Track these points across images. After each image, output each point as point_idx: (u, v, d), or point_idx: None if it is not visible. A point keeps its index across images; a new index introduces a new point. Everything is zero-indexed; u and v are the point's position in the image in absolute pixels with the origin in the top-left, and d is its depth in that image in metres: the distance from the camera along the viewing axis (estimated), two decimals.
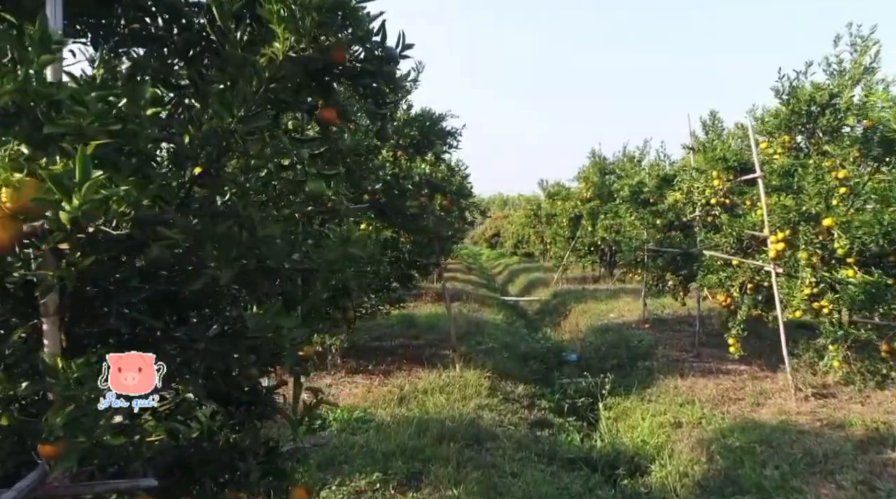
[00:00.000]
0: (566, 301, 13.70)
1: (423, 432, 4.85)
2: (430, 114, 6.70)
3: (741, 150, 6.54)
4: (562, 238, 17.84)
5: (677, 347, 8.22)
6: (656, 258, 9.25)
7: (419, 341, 8.61)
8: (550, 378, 7.48)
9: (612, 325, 10.06)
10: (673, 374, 7.06)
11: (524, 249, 28.53)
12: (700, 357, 7.75)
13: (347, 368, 6.93)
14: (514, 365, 7.50)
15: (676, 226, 8.53)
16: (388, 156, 6.00)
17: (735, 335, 6.49)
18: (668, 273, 9.03)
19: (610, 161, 17.05)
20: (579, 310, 12.26)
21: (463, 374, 6.66)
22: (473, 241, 46.90)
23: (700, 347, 8.13)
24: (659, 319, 9.85)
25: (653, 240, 9.10)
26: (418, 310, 11.31)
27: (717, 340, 8.44)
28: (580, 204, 17.20)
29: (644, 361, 7.73)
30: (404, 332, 9.11)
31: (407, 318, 9.88)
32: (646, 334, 8.87)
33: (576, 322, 11.58)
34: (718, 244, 6.86)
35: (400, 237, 6.46)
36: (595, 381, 7.03)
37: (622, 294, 13.21)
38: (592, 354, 8.47)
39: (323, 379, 6.54)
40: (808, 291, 5.62)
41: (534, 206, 25.20)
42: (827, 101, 5.57)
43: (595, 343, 8.90)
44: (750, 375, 6.84)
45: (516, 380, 6.97)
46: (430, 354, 7.81)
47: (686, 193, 7.27)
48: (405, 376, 6.78)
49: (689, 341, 8.39)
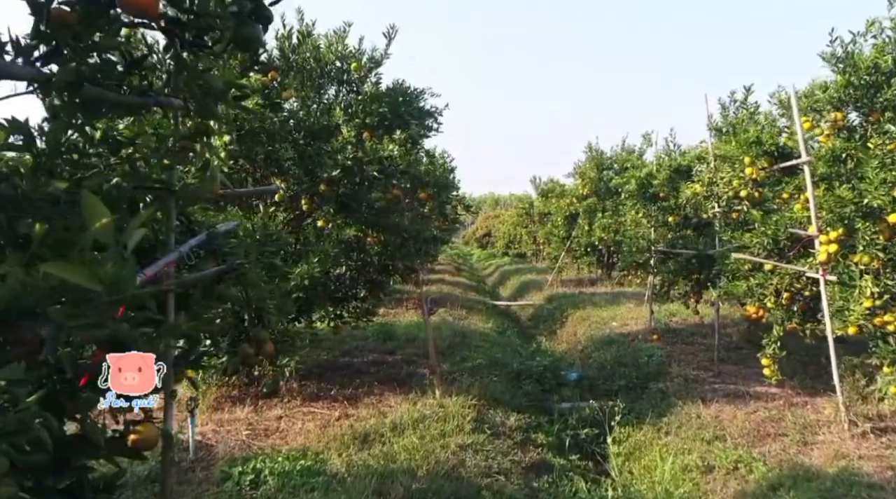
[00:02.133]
0: (562, 306, 12.61)
1: (385, 494, 3.70)
2: (404, 88, 5.57)
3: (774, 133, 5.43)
4: (556, 238, 16.76)
5: (693, 363, 7.12)
6: (665, 261, 8.16)
7: (396, 357, 7.46)
8: (548, 403, 6.36)
9: (615, 336, 8.96)
10: (693, 399, 5.96)
11: (516, 250, 27.51)
12: (721, 377, 6.65)
13: (305, 394, 5.77)
14: (505, 387, 6.37)
15: (692, 224, 7.44)
16: (349, 136, 4.86)
17: (770, 356, 5.39)
18: (679, 278, 7.93)
19: (608, 156, 15.97)
20: (577, 317, 11.16)
21: (443, 401, 5.52)
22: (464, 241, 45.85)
23: (720, 364, 7.04)
24: (668, 329, 8.76)
25: (662, 240, 8.00)
26: (399, 318, 10.16)
27: (738, 355, 7.36)
28: (576, 201, 16.13)
29: (656, 381, 6.63)
30: (380, 345, 7.96)
31: (384, 329, 8.73)
32: (655, 348, 7.77)
33: (574, 331, 10.48)
34: (747, 245, 5.75)
35: (367, 237, 5.33)
36: (600, 406, 5.91)
37: (623, 299, 12.13)
38: (595, 372, 7.35)
39: (272, 409, 5.37)
40: (868, 303, 4.54)
41: (526, 204, 24.19)
42: (893, 68, 4.48)
43: (597, 359, 7.79)
44: (786, 401, 5.74)
45: (507, 407, 5.84)
46: (406, 374, 6.67)
47: (707, 185, 6.17)
48: (374, 403, 5.63)
49: (707, 357, 7.30)
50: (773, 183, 5.47)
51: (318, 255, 4.90)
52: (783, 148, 5.28)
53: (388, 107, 5.37)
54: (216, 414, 5.29)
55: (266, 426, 4.99)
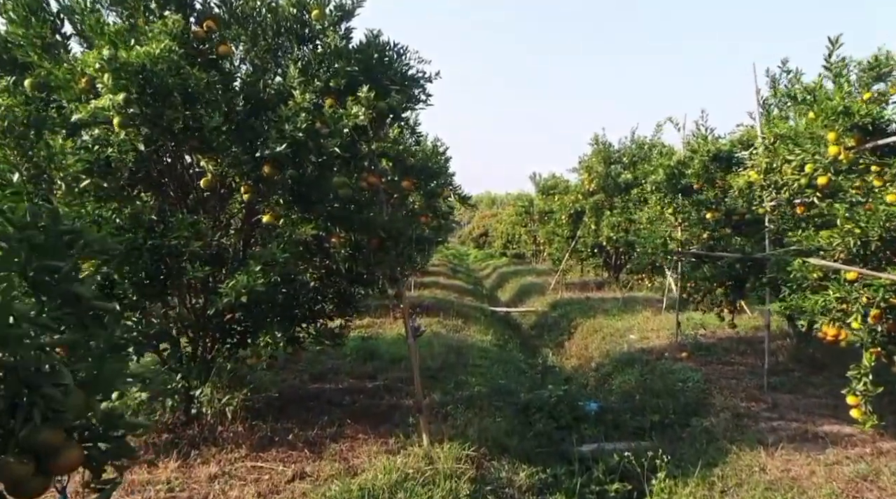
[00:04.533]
0: (569, 314, 11.34)
1: None
2: (381, 44, 4.27)
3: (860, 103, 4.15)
4: (560, 238, 15.47)
5: (739, 391, 5.84)
6: (699, 265, 6.89)
7: (377, 382, 6.17)
8: (565, 446, 5.07)
9: (635, 352, 7.68)
10: (749, 442, 4.69)
11: (514, 250, 26.25)
12: (778, 411, 5.38)
13: (254, 439, 4.46)
14: (511, 425, 5.08)
15: (732, 222, 6.17)
16: (304, 100, 3.55)
17: (861, 393, 4.12)
18: (714, 285, 6.67)
19: (616, 148, 14.71)
20: (588, 327, 9.88)
21: (432, 452, 4.23)
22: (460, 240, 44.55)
23: (771, 391, 5.78)
24: (698, 344, 7.48)
25: (696, 241, 6.73)
26: (385, 330, 8.87)
27: (790, 380, 6.09)
28: (581, 198, 14.85)
29: (698, 416, 5.35)
30: (359, 367, 6.66)
31: (365, 345, 7.44)
32: (689, 370, 6.49)
33: (584, 344, 9.21)
34: (822, 247, 4.48)
35: (331, 236, 4.04)
36: (633, 451, 4.63)
37: (637, 306, 10.86)
38: (619, 401, 6.07)
39: (207, 464, 4.06)
40: None
41: (525, 202, 22.94)
42: None
43: (621, 383, 6.51)
44: (872, 447, 4.48)
45: (514, 456, 4.56)
46: (388, 406, 5.38)
47: (764, 172, 4.89)
48: (343, 453, 4.35)
49: (754, 383, 6.03)
50: (862, 168, 4.19)
51: (261, 262, 3.60)
52: (879, 121, 4.00)
53: (360, 66, 4.07)
54: (130, 472, 3.99)
55: (191, 495, 3.68)
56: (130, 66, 3.02)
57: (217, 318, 3.84)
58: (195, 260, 3.56)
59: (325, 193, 4.01)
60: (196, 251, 3.59)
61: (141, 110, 3.17)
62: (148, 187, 3.82)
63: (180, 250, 3.59)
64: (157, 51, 3.07)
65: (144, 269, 3.51)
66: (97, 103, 3.06)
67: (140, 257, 3.48)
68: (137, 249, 3.48)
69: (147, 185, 3.87)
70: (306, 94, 3.58)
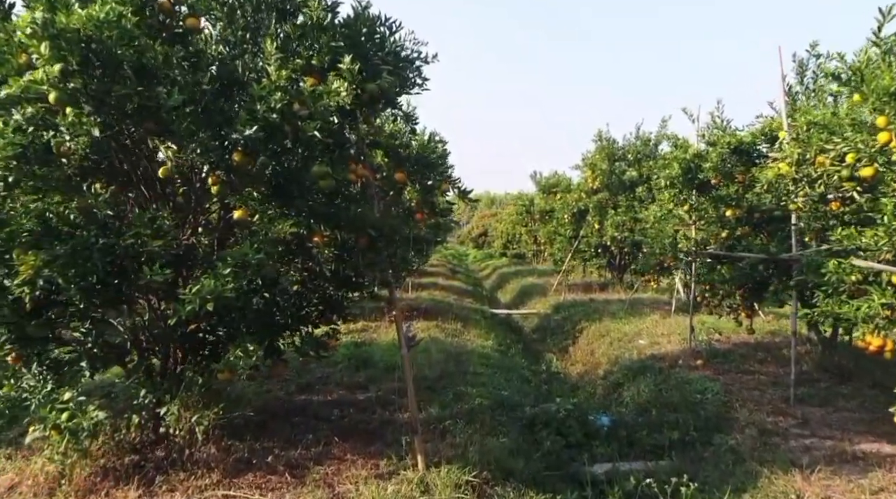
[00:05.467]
0: (573, 317, 10.88)
1: None
2: (368, 17, 3.79)
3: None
4: (562, 238, 14.99)
5: (764, 404, 5.37)
6: (715, 267, 6.42)
7: (369, 394, 5.69)
8: (576, 466, 4.60)
9: (646, 359, 7.21)
10: (782, 464, 4.22)
11: (515, 250, 25.80)
12: (809, 426, 4.90)
13: (230, 461, 3.98)
14: (516, 443, 4.60)
15: (757, 220, 5.69)
16: (280, 78, 3.07)
17: None
18: (734, 288, 6.20)
19: (620, 145, 14.26)
20: (594, 331, 9.41)
21: (428, 478, 3.76)
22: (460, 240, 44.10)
23: (799, 404, 5.31)
24: (713, 350, 7.00)
25: (713, 240, 6.25)
26: (380, 334, 8.37)
27: (818, 391, 5.63)
28: (585, 197, 14.39)
29: (721, 432, 4.88)
30: (350, 376, 6.18)
31: (358, 352, 6.96)
32: (706, 379, 6.02)
33: (590, 349, 8.74)
34: (862, 247, 4.01)
35: (313, 235, 3.56)
36: (652, 473, 4.16)
37: (644, 309, 10.39)
38: (632, 414, 5.59)
39: (173, 492, 3.58)
40: None
41: (525, 201, 22.49)
42: None
43: (633, 394, 6.03)
44: None
45: (520, 481, 4.07)
46: (381, 422, 4.90)
47: (797, 163, 4.42)
48: (329, 476, 3.87)
49: (779, 395, 5.56)
50: None
51: (231, 264, 3.12)
52: None
53: (346, 42, 3.59)
54: None
55: None
56: (70, 32, 2.54)
57: (180, 327, 3.35)
58: (154, 262, 3.08)
59: (307, 187, 3.53)
60: (155, 251, 3.11)
61: (84, 85, 2.69)
62: (105, 178, 3.34)
63: (137, 251, 3.11)
64: (101, 15, 2.59)
65: (94, 272, 3.03)
66: (31, 76, 2.59)
67: (89, 259, 3.00)
68: (87, 249, 3.00)
69: (103, 175, 3.38)
70: (283, 71, 3.10)
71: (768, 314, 8.87)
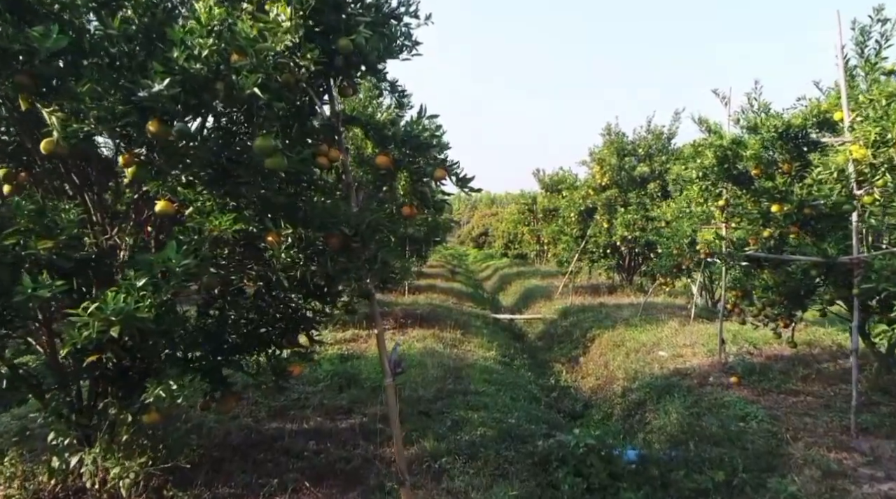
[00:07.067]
0: (582, 323, 10.03)
1: None
2: None
3: None
4: (568, 237, 14.14)
5: (819, 434, 4.52)
6: (751, 271, 5.58)
7: (353, 420, 4.85)
8: None
9: (671, 374, 6.35)
10: None
11: (516, 250, 24.92)
12: (882, 465, 4.05)
13: None
14: (528, 490, 3.75)
15: (805, 217, 4.84)
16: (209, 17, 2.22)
17: None
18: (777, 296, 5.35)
19: (630, 139, 13.42)
20: (606, 340, 8.56)
21: None
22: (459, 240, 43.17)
23: (863, 435, 4.46)
24: (748, 366, 6.15)
25: (751, 239, 5.40)
26: (370, 344, 7.54)
27: (880, 418, 4.77)
28: (592, 194, 13.53)
29: (775, 473, 4.02)
30: (332, 397, 5.34)
31: (343, 368, 6.12)
32: (744, 401, 5.17)
33: (604, 361, 7.89)
34: None
35: (267, 234, 2.72)
36: None
37: (660, 315, 9.53)
38: (664, 445, 4.74)
39: None
40: None
41: (528, 200, 21.65)
42: None
43: (662, 422, 5.17)
44: None
45: None
46: (363, 460, 4.05)
47: (872, 145, 3.57)
48: None
49: (835, 422, 4.70)
50: None
51: (149, 273, 2.28)
52: None
53: None
54: None
55: None
56: None
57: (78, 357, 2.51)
58: (40, 270, 2.24)
59: (260, 171, 2.68)
60: (42, 255, 2.27)
61: None
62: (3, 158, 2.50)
63: (17, 254, 2.27)
64: None
65: None
66: None
67: None
68: None
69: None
70: (216, 9, 2.25)
71: (802, 322, 8.03)
